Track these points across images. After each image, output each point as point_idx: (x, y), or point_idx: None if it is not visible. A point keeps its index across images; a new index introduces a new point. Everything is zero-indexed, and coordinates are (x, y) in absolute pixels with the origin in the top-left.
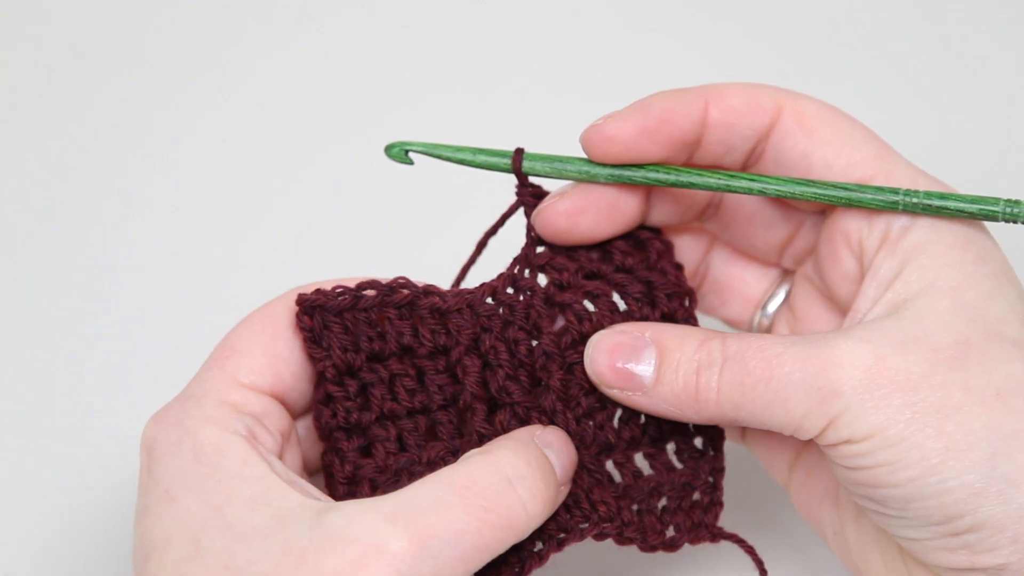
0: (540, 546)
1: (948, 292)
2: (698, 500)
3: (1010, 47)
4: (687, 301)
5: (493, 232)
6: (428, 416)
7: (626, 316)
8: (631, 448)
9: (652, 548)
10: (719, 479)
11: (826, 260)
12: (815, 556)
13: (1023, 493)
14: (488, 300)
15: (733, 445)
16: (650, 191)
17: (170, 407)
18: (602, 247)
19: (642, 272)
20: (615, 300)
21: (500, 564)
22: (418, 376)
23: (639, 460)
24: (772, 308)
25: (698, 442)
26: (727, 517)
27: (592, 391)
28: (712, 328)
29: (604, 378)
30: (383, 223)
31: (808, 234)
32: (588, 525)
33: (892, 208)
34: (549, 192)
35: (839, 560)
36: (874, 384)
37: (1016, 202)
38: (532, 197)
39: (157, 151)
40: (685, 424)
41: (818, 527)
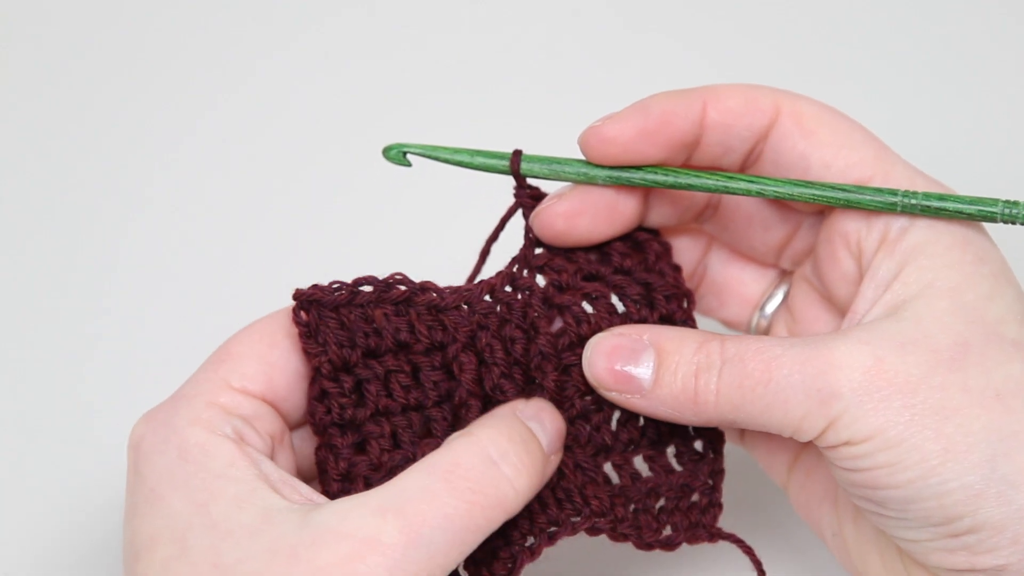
0: (531, 540)
1: (947, 293)
2: (696, 501)
3: (1010, 47)
4: (685, 303)
5: (494, 238)
6: (422, 413)
7: (624, 318)
8: (629, 450)
9: (649, 546)
10: (718, 481)
11: (824, 261)
12: (815, 557)
13: (1022, 494)
14: (486, 298)
15: (732, 446)
16: (648, 192)
17: (160, 407)
18: (600, 248)
19: (640, 274)
20: (613, 302)
21: (492, 561)
22: (413, 373)
23: (638, 463)
24: (770, 309)
25: (698, 445)
26: (726, 518)
27: (589, 393)
28: (711, 330)
29: (602, 381)
30: (383, 223)
31: (806, 235)
32: (580, 519)
33: (891, 209)
34: (547, 193)
35: (838, 561)
36: (873, 386)
37: (1014, 203)
38: (530, 199)
39: (157, 151)
40: (684, 427)
41: (817, 528)
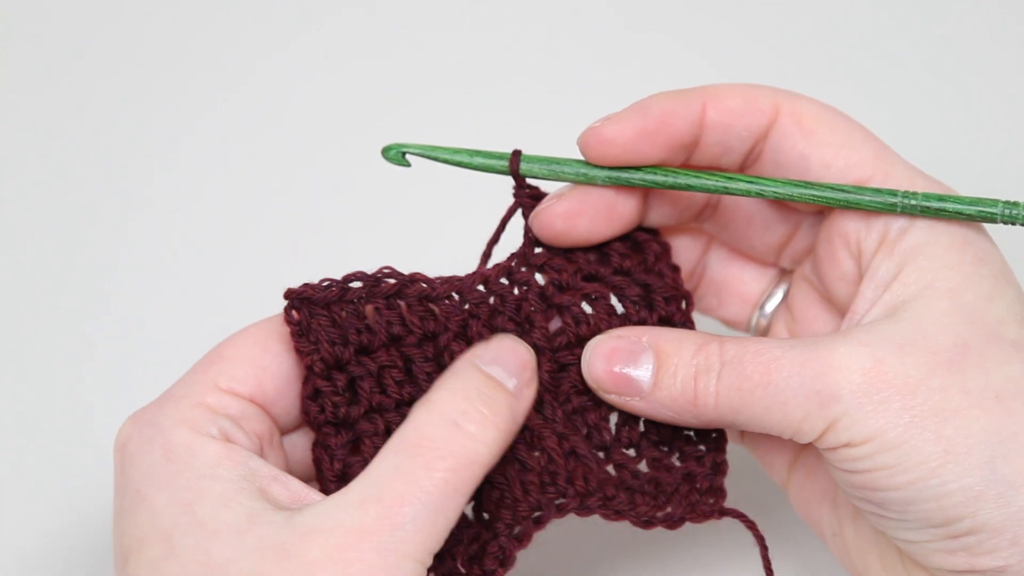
0: (518, 529)
1: (946, 294)
2: (699, 486)
3: (1010, 47)
4: (684, 304)
5: (495, 240)
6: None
7: (624, 319)
8: (629, 453)
9: (648, 523)
10: (721, 472)
11: (824, 261)
12: (815, 557)
13: (1022, 496)
14: (480, 288)
15: (732, 445)
16: (648, 193)
17: (147, 408)
18: (600, 249)
19: (640, 275)
20: (613, 303)
21: (483, 556)
22: (406, 366)
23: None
24: (770, 308)
25: (701, 447)
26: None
27: (586, 392)
28: (711, 328)
29: (602, 383)
30: (382, 223)
31: (806, 234)
32: (565, 500)
33: (890, 210)
34: (547, 193)
35: (838, 562)
36: (872, 388)
37: (1014, 203)
38: (530, 198)
39: (157, 151)
40: (685, 428)
41: (817, 528)
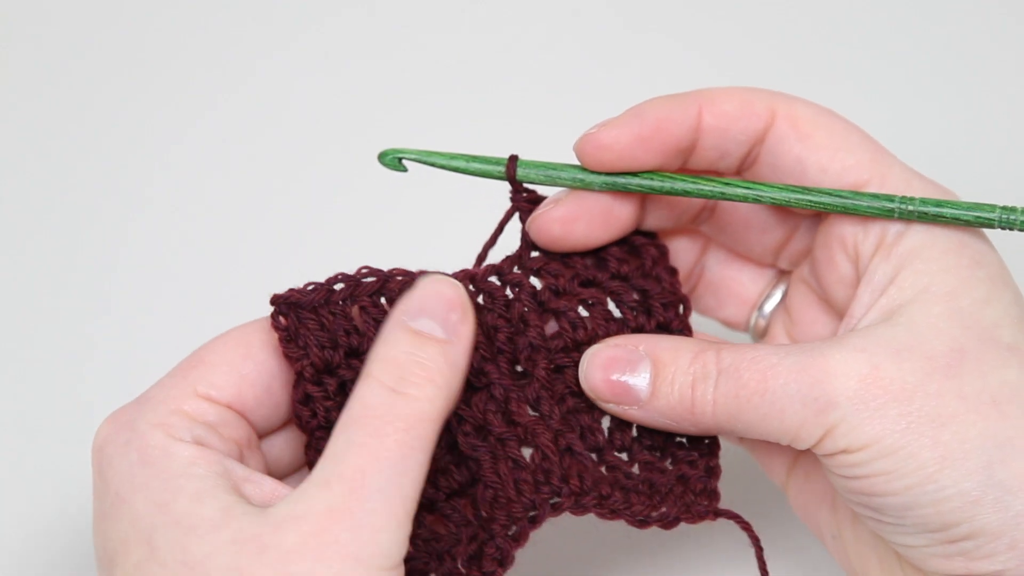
0: (514, 529)
1: (942, 298)
2: (693, 488)
3: (1010, 47)
4: (681, 309)
5: (492, 243)
6: None
7: (621, 324)
8: (623, 456)
9: (643, 522)
10: (714, 476)
11: (822, 264)
12: (815, 557)
13: (1019, 500)
14: (466, 286)
15: (730, 447)
16: (645, 197)
17: (124, 409)
18: (596, 253)
19: (637, 280)
20: (610, 308)
21: (480, 558)
22: None
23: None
24: (769, 308)
25: (694, 452)
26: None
27: (578, 391)
28: (711, 328)
29: (600, 392)
30: (382, 224)
31: (804, 236)
32: (560, 499)
33: (888, 216)
34: (544, 197)
35: (838, 563)
36: (869, 394)
37: (1012, 209)
38: (527, 203)
39: (157, 151)
40: (678, 434)
41: (816, 530)
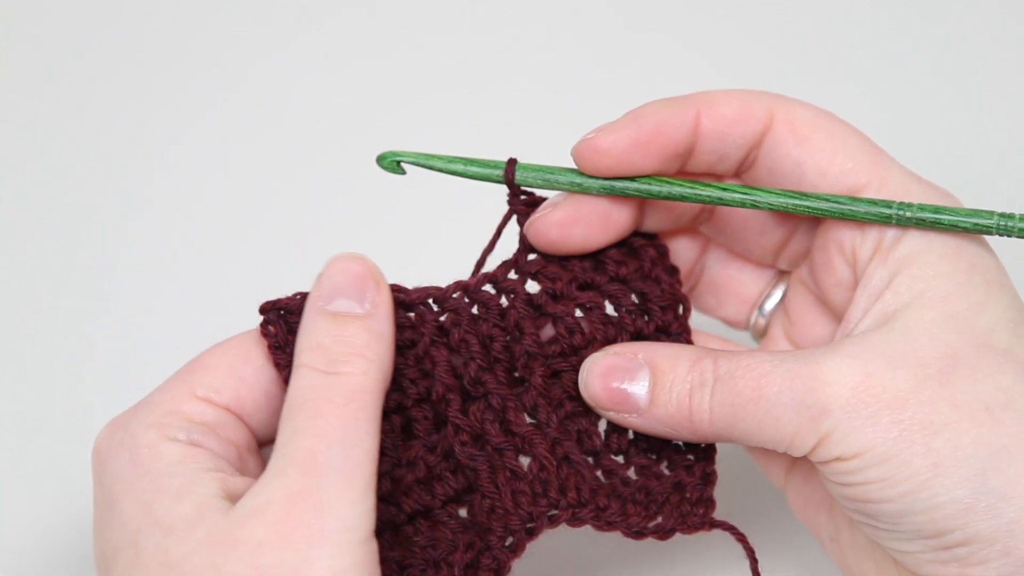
0: (511, 540)
1: (937, 303)
2: (688, 496)
3: (1010, 47)
4: (681, 310)
5: (490, 248)
6: (403, 414)
7: (618, 327)
8: (619, 460)
9: (639, 534)
10: (710, 483)
11: (820, 267)
12: (814, 559)
13: (1013, 507)
14: (461, 297)
15: (727, 450)
16: (643, 200)
17: (123, 414)
18: (595, 256)
19: (636, 282)
20: (609, 311)
21: (476, 568)
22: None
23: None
24: (769, 307)
25: (689, 456)
26: (724, 517)
27: (576, 396)
28: (712, 327)
29: (599, 400)
30: (383, 223)
31: (803, 238)
32: (557, 512)
33: (886, 221)
34: (543, 199)
35: (836, 566)
36: (861, 402)
37: (1010, 215)
38: (525, 205)
39: (157, 151)
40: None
41: (815, 532)
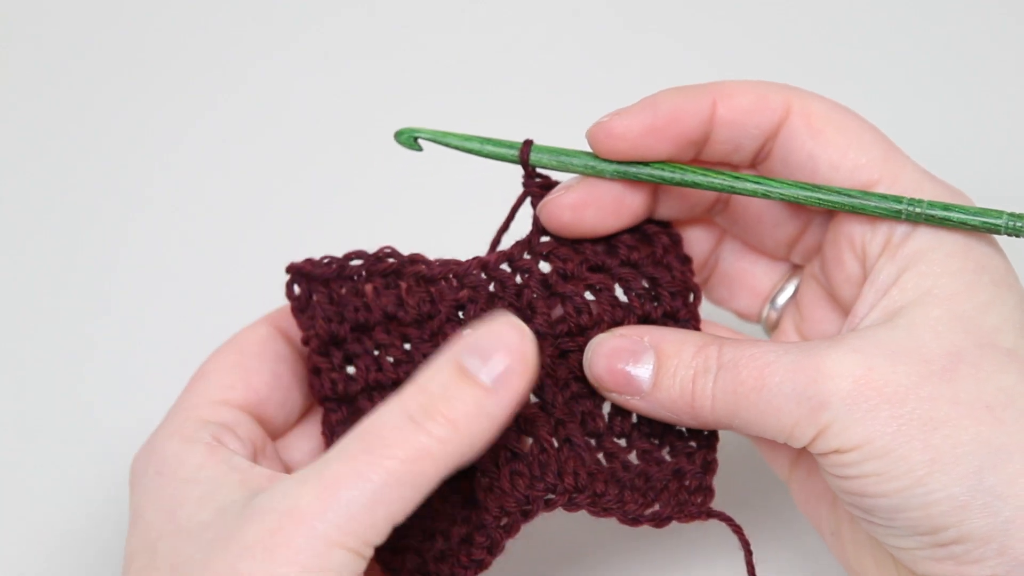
0: (505, 520)
1: (943, 301)
2: (688, 484)
3: (1010, 47)
4: (691, 298)
5: (504, 228)
6: None
7: (627, 310)
8: (621, 443)
9: (635, 521)
10: (710, 471)
11: (830, 262)
12: (814, 555)
13: (1009, 506)
14: (480, 273)
15: (736, 438)
16: (657, 187)
17: (149, 437)
18: (608, 240)
19: (647, 268)
20: (618, 294)
21: (470, 544)
22: (404, 346)
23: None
24: (781, 301)
25: (692, 444)
26: (727, 512)
27: (581, 376)
28: (724, 319)
29: (603, 381)
30: (382, 224)
31: (816, 232)
32: (554, 496)
33: (895, 216)
34: (557, 183)
35: (837, 560)
36: (862, 396)
37: (1019, 216)
38: (539, 188)
39: (157, 151)
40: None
41: (817, 525)
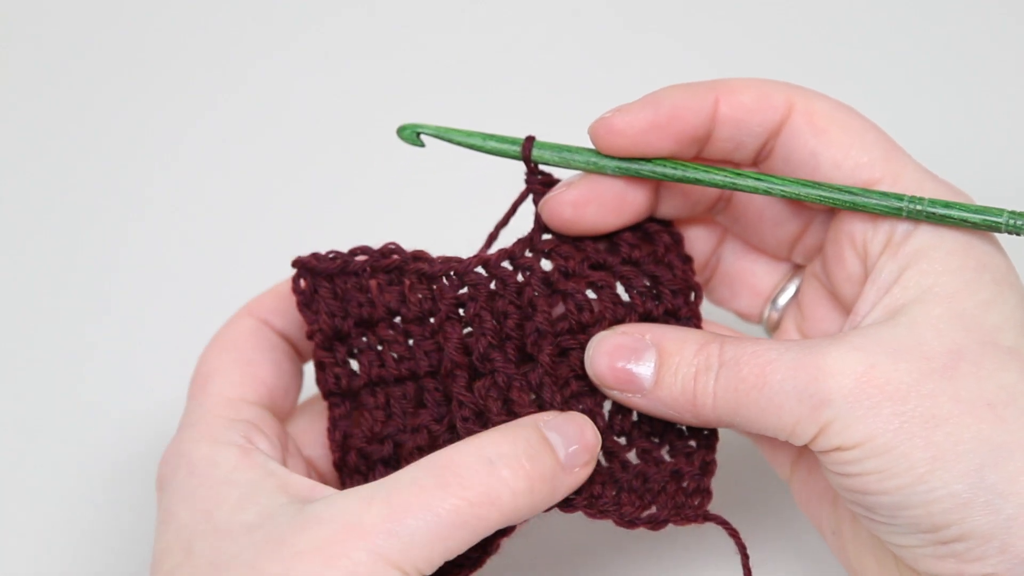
0: None
1: (944, 299)
2: (685, 486)
3: (1010, 47)
4: (692, 296)
5: (504, 223)
6: (416, 383)
7: (628, 308)
8: (621, 441)
9: (631, 523)
10: (708, 472)
11: (832, 260)
12: (814, 554)
13: (1010, 504)
14: (481, 271)
15: (736, 437)
16: (658, 185)
17: (171, 442)
18: (609, 238)
19: (648, 266)
20: (619, 292)
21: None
22: (406, 342)
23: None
24: (782, 302)
25: (692, 443)
26: (724, 512)
27: (583, 375)
28: (725, 319)
29: (604, 379)
30: (382, 224)
31: (818, 231)
32: None
33: (896, 214)
34: (559, 180)
35: (838, 559)
36: (863, 393)
37: (1020, 214)
38: (541, 185)
39: (157, 151)
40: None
41: (818, 524)
